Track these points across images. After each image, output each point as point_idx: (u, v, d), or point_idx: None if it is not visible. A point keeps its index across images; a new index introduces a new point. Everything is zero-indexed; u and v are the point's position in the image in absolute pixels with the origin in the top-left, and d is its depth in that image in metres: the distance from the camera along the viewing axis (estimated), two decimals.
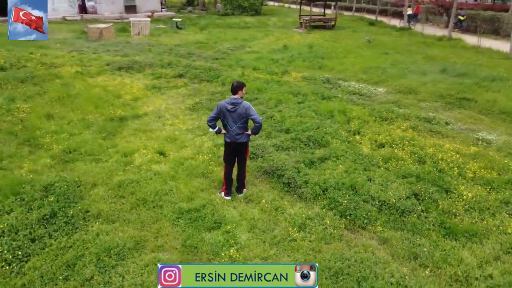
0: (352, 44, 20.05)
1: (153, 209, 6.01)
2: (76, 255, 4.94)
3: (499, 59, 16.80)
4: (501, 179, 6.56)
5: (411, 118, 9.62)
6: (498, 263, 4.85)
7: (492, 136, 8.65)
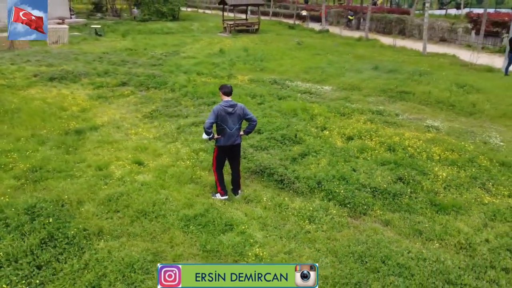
0: (284, 47, 20.86)
1: (156, 220, 5.79)
2: (97, 275, 4.60)
3: (415, 56, 18.78)
4: (463, 159, 7.46)
5: (365, 112, 10.40)
6: (488, 229, 5.58)
7: (437, 123, 9.73)
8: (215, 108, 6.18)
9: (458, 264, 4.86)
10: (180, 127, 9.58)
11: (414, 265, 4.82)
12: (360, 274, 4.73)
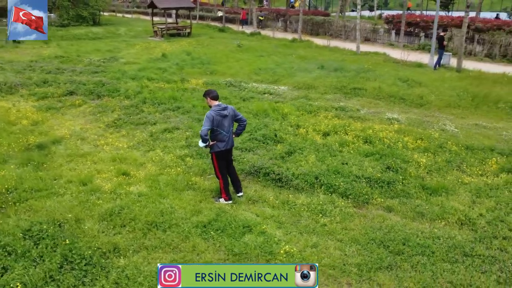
0: (225, 49, 20.92)
1: (171, 230, 5.58)
2: None
3: (351, 55, 20.00)
4: (433, 146, 8.21)
5: (329, 108, 10.91)
6: (478, 205, 6.24)
7: (395, 115, 10.53)
8: (209, 114, 6.10)
9: (467, 238, 5.40)
10: (153, 135, 9.24)
11: (432, 244, 5.25)
12: (388, 258, 5.03)
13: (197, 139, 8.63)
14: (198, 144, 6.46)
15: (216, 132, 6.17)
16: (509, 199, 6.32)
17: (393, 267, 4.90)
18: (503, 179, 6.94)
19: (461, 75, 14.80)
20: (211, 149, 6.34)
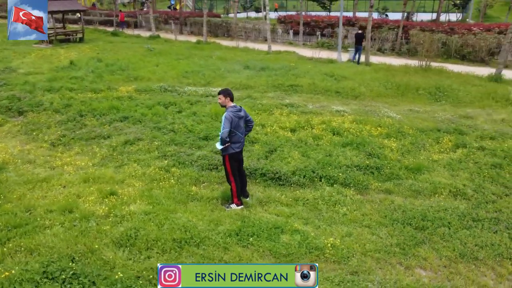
0: (136, 54, 19.78)
1: (204, 243, 5.26)
2: None
3: (265, 54, 20.69)
4: (393, 131, 9.08)
5: (279, 106, 11.21)
6: (457, 177, 7.14)
7: (340, 107, 11.32)
8: (228, 115, 5.92)
9: (467, 206, 6.18)
10: (115, 149, 8.44)
11: (445, 216, 5.90)
12: (418, 234, 5.51)
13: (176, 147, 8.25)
14: (215, 146, 6.17)
15: (232, 133, 5.99)
16: (477, 169, 7.39)
17: (426, 241, 5.39)
18: (463, 153, 8.05)
19: (374, 68, 16.49)
20: (224, 152, 6.10)
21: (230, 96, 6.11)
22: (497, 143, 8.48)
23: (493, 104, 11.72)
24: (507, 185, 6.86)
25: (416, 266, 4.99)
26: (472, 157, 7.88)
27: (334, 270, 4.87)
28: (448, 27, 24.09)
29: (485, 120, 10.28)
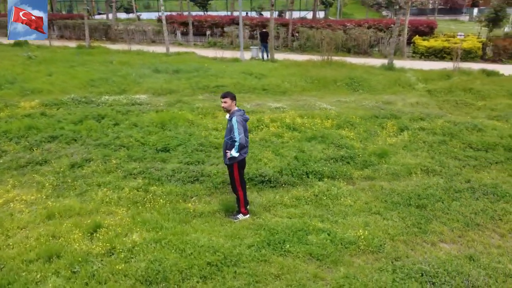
0: (15, 63, 16.91)
1: (243, 262, 4.87)
2: None
3: (164, 57, 19.77)
4: (342, 122, 9.59)
5: (218, 108, 10.88)
6: (419, 157, 7.91)
7: (277, 104, 11.52)
8: (238, 119, 5.59)
9: (445, 182, 6.91)
10: (64, 174, 7.19)
11: (435, 192, 6.51)
12: (423, 212, 5.99)
13: (137, 164, 7.38)
14: (232, 155, 5.66)
15: None
16: (430, 147, 8.31)
17: (432, 217, 5.89)
18: (409, 135, 8.97)
19: (282, 64, 17.13)
20: (232, 160, 5.70)
21: (235, 99, 5.77)
22: (428, 123, 9.66)
23: (401, 90, 13.30)
24: (459, 158, 7.88)
25: (438, 241, 5.42)
26: (419, 137, 8.84)
27: (377, 260, 4.98)
28: (326, 24, 26.42)
29: (403, 104, 11.60)
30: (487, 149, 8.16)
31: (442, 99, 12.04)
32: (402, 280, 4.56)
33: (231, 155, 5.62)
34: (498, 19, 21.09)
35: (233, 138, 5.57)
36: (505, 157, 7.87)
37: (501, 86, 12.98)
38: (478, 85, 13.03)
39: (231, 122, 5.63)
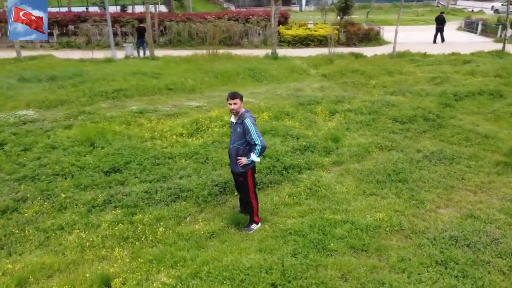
0: None
1: (300, 272, 4.55)
2: None
3: (17, 62, 16.51)
4: (279, 113, 9.57)
5: (135, 115, 9.69)
6: (367, 136, 8.51)
7: (193, 103, 10.86)
8: (252, 120, 5.17)
9: (405, 154, 7.62)
10: (3, 225, 5.46)
11: (406, 165, 7.12)
12: (408, 185, 6.52)
13: (92, 192, 6.13)
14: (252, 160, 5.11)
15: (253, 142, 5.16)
16: (368, 126, 9.03)
17: (418, 187, 6.47)
18: (341, 117, 9.56)
19: (168, 61, 16.08)
20: (247, 166, 5.20)
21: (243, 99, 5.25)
22: (349, 104, 10.47)
23: (299, 77, 14.02)
24: (396, 132, 8.79)
25: (436, 208, 5.98)
26: (351, 119, 9.52)
27: (408, 237, 5.25)
28: (185, 17, 25.91)
29: (312, 90, 12.26)
30: (411, 121, 9.30)
31: (341, 82, 13.16)
32: (445, 249, 4.90)
33: (250, 161, 5.10)
34: (347, 8, 23.99)
35: (251, 141, 5.06)
36: (427, 125, 9.10)
37: (378, 66, 14.89)
38: (362, 67, 14.66)
39: (242, 125, 5.09)
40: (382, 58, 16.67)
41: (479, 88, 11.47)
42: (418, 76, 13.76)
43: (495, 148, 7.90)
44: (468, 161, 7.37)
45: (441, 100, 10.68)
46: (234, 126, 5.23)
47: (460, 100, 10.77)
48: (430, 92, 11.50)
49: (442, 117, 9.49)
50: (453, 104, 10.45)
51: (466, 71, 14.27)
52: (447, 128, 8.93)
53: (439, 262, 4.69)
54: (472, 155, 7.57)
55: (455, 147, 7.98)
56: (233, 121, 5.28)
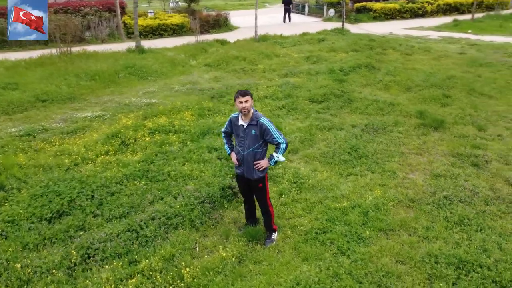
0: None
1: (369, 274, 4.42)
2: None
3: None
4: (201, 110, 8.89)
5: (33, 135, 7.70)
6: (296, 116, 8.62)
7: (89, 113, 9.16)
8: (269, 119, 4.60)
9: (339, 126, 8.01)
10: None
11: (352, 137, 7.50)
12: (373, 159, 6.92)
13: (84, 236, 4.70)
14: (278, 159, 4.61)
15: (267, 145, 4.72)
16: (293, 110, 9.15)
17: (379, 159, 6.94)
18: (263, 104, 9.45)
19: (5, 66, 12.98)
20: (265, 170, 4.67)
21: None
22: (260, 91, 10.40)
23: (184, 69, 13.16)
24: (321, 111, 9.16)
25: (407, 174, 6.51)
26: (272, 105, 9.50)
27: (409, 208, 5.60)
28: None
29: (207, 81, 11.72)
30: (325, 100, 9.82)
31: (230, 70, 12.92)
32: (450, 209, 5.41)
33: (273, 163, 4.60)
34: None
35: (273, 141, 4.54)
36: (341, 101, 9.75)
37: (253, 50, 15.13)
38: (240, 53, 14.65)
39: (258, 126, 4.50)
40: (249, 43, 17.03)
41: (355, 62, 12.86)
42: (294, 57, 14.58)
43: (405, 113, 9.02)
44: (397, 128, 8.23)
45: (333, 77, 11.58)
46: (247, 129, 4.59)
47: (348, 75, 11.88)
48: (318, 70, 12.34)
49: (346, 92, 10.31)
50: (345, 79, 11.46)
51: (327, 48, 15.79)
52: (358, 102, 9.75)
53: (456, 221, 5.17)
54: (395, 123, 8.47)
55: (377, 117, 8.79)
56: (242, 124, 4.61)
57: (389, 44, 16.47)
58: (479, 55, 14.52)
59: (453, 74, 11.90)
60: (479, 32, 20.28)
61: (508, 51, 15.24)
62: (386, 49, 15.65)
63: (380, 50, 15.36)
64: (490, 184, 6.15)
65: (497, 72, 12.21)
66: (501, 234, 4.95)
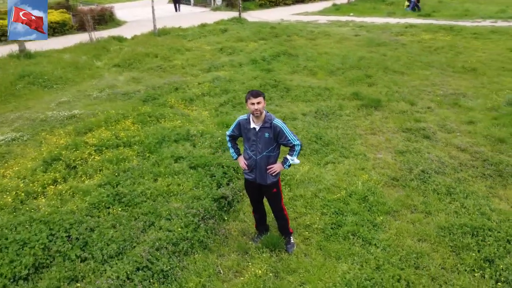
0: None
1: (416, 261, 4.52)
2: None
3: None
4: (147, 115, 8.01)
5: None
6: None
7: None
8: (282, 121, 4.34)
9: (291, 114, 8.02)
10: None
11: (308, 124, 7.57)
12: (337, 145, 7.09)
13: None
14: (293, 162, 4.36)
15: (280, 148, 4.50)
16: (239, 104, 8.83)
17: (345, 143, 7.15)
18: (204, 103, 8.93)
19: None
20: (277, 175, 4.43)
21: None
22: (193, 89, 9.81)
23: (92, 73, 11.65)
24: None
25: (375, 155, 6.82)
26: (214, 101, 9.04)
27: (397, 187, 5.90)
28: None
29: (125, 84, 10.61)
30: (264, 91, 9.69)
31: (146, 68, 11.88)
32: (435, 182, 5.82)
33: (288, 166, 4.36)
34: None
35: (287, 144, 4.27)
36: (280, 91, 9.73)
37: (161, 45, 14.12)
38: (148, 49, 13.57)
39: (272, 129, 4.20)
40: (150, 38, 15.89)
41: (273, 51, 12.97)
42: (207, 49, 14.08)
43: (343, 97, 9.42)
44: (344, 112, 8.55)
45: (259, 67, 11.51)
46: (259, 132, 4.24)
47: (271, 64, 11.92)
48: (240, 62, 12.12)
49: (280, 81, 10.33)
50: (271, 68, 11.48)
51: (234, 38, 15.62)
52: (295, 90, 9.85)
53: (446, 192, 5.59)
54: (339, 106, 8.79)
55: (321, 103, 9.01)
56: (254, 126, 4.24)
57: (290, 31, 17.02)
58: (373, 36, 15.91)
59: (362, 55, 12.83)
60: (360, 15, 22.25)
61: (393, 30, 17.02)
62: (290, 35, 16.14)
63: (285, 37, 15.77)
64: (447, 152, 6.81)
65: (395, 50, 13.54)
66: (483, 196, 5.52)
